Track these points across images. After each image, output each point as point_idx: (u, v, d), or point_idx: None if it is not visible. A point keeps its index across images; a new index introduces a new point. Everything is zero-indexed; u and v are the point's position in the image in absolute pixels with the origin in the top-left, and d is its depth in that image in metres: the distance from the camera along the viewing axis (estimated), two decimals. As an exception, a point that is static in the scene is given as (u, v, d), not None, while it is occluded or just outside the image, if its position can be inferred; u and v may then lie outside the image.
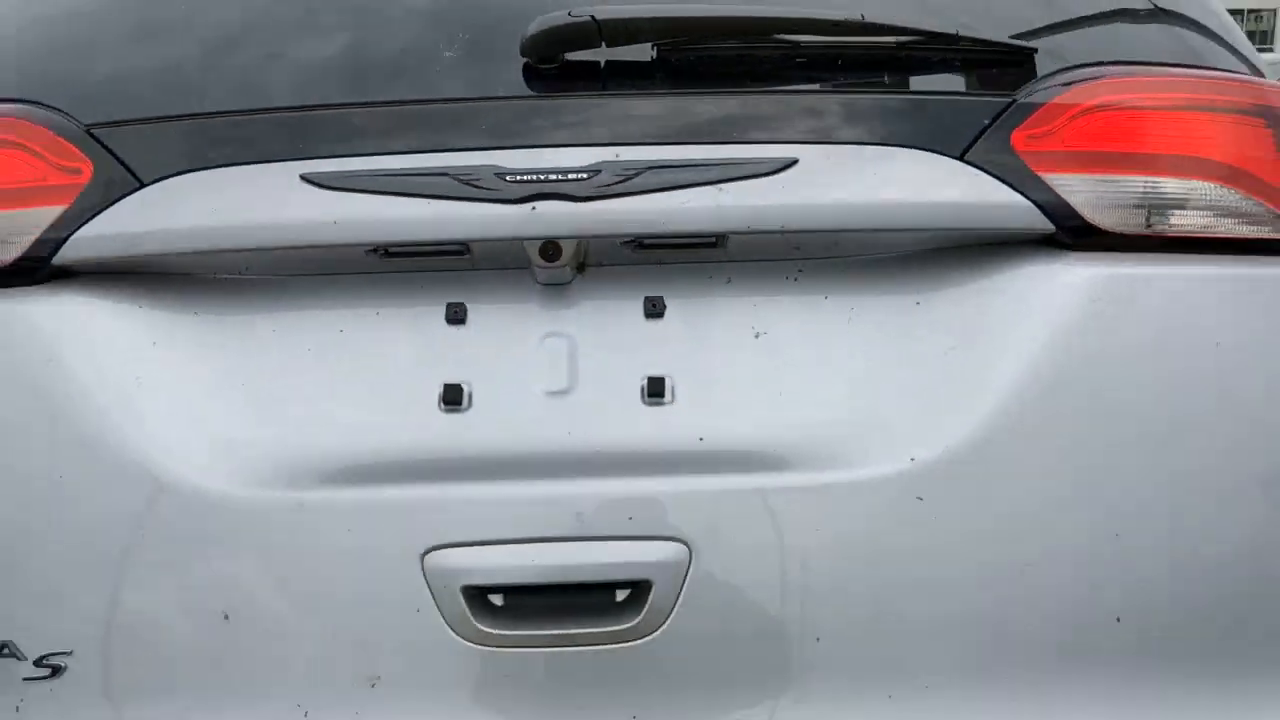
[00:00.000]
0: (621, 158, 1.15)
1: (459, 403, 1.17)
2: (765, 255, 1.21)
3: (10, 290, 1.13)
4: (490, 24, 1.28)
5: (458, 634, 1.12)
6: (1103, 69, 1.18)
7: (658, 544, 1.11)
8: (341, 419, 1.16)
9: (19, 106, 1.17)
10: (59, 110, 1.18)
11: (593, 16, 1.17)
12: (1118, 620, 1.10)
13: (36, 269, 1.14)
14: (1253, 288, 1.11)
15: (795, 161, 1.14)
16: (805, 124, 1.18)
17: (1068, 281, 1.12)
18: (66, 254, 1.14)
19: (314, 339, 1.19)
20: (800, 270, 1.21)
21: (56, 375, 1.11)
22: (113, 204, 1.14)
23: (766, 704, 1.13)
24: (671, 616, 1.11)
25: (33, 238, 1.13)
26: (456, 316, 1.21)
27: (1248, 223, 1.12)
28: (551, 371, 1.18)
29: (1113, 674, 1.11)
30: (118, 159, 1.15)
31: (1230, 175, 1.12)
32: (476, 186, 1.14)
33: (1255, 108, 1.14)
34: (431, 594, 1.11)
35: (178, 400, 1.15)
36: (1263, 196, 1.12)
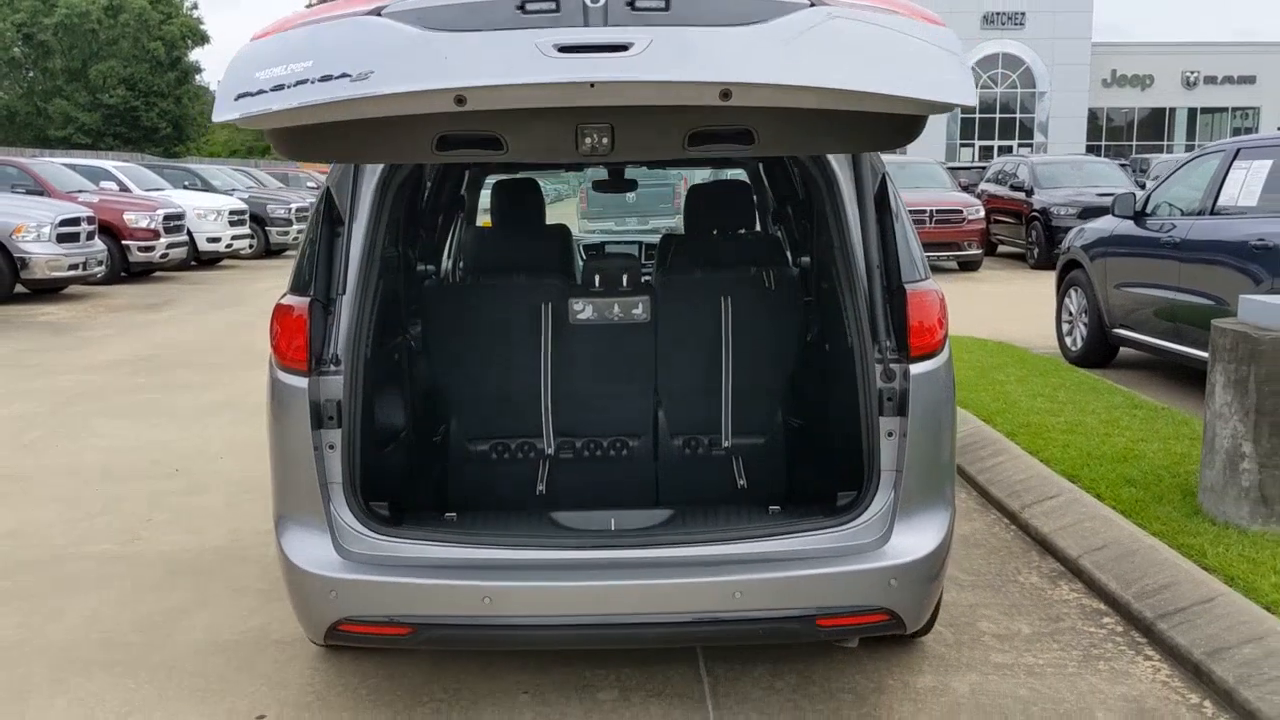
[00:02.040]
0: None
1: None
2: (687, 20, 2.56)
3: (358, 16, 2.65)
4: None
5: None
6: None
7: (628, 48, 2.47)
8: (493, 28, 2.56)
9: None
10: None
11: None
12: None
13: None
14: (888, 21, 2.64)
15: None
16: None
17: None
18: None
19: (481, 10, 2.58)
20: (686, 16, 2.57)
21: (365, 30, 2.60)
22: None
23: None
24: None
25: None
26: (554, 24, 2.54)
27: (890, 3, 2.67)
28: (594, 18, 2.55)
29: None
30: None
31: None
32: None
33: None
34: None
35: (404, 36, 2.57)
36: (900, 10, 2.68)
